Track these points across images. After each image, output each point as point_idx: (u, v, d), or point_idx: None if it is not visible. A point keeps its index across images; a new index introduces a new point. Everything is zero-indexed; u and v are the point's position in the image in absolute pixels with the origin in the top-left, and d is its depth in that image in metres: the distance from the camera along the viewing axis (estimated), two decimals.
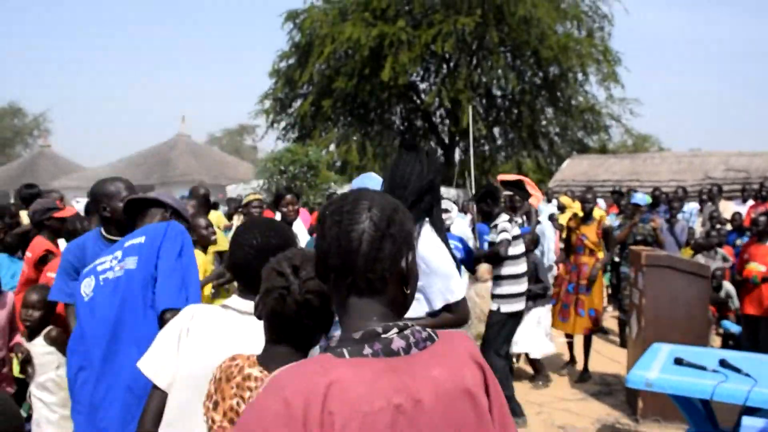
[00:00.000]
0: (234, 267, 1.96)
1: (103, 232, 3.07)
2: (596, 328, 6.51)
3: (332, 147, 22.15)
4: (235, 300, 1.90)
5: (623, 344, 7.44)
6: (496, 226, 5.13)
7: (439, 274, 2.53)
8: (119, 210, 2.90)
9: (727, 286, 7.14)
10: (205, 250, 4.65)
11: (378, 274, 1.20)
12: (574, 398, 5.87)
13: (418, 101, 23.83)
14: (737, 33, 79.34)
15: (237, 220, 6.44)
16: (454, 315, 2.53)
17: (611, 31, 22.70)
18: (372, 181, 3.40)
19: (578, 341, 6.65)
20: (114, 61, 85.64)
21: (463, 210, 9.64)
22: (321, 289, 1.48)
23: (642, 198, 7.80)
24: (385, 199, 1.26)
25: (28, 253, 4.41)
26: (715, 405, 3.75)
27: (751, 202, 9.25)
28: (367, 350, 1.15)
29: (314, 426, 1.07)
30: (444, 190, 16.42)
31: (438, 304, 2.53)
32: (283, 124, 23.72)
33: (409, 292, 1.28)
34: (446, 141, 24.05)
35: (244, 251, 1.89)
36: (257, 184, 16.04)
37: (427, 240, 2.57)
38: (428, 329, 1.26)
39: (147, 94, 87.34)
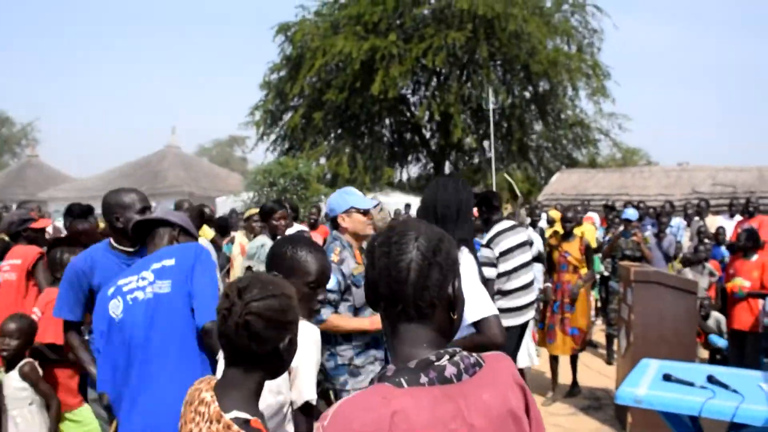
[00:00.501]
0: None
1: (113, 243, 3.02)
2: (581, 347, 6.34)
3: (323, 160, 22.19)
4: None
5: (610, 359, 7.50)
6: (490, 240, 4.76)
7: (470, 293, 2.55)
8: (131, 221, 2.86)
9: (716, 315, 7.20)
10: None
11: (427, 301, 1.25)
12: (564, 413, 5.89)
13: (409, 114, 23.93)
14: (726, 48, 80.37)
15: (240, 235, 6.45)
16: (485, 336, 2.58)
17: (601, 45, 22.98)
18: (352, 196, 3.48)
19: (564, 359, 6.50)
20: (104, 71, 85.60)
21: None
22: (265, 314, 1.51)
23: (633, 213, 7.88)
24: (431, 229, 1.32)
25: (14, 261, 4.32)
26: (703, 420, 3.78)
27: (738, 217, 9.34)
28: (424, 379, 1.21)
29: None
30: None
31: (467, 320, 2.59)
32: (273, 136, 23.75)
33: (456, 317, 1.32)
34: (436, 154, 24.15)
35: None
36: (247, 197, 16.05)
37: (466, 265, 2.72)
38: (474, 354, 1.31)
39: (137, 105, 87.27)
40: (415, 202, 16.45)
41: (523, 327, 4.92)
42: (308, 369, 2.06)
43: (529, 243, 4.93)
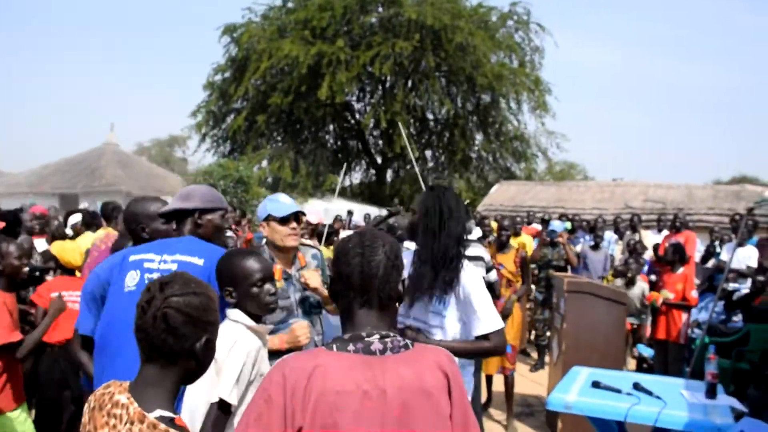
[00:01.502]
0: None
1: None
2: (512, 367, 5.92)
3: (264, 163, 22.02)
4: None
5: (534, 368, 7.76)
6: None
7: (480, 306, 2.71)
8: (160, 232, 2.83)
9: (642, 284, 7.54)
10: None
11: (386, 293, 1.63)
12: (498, 418, 6.01)
13: (353, 121, 24.00)
14: (660, 69, 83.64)
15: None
16: (491, 343, 2.70)
17: (542, 62, 23.58)
18: (272, 203, 3.24)
19: (498, 377, 6.14)
20: (39, 63, 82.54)
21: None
22: (184, 309, 1.51)
23: (558, 225, 8.17)
24: (391, 239, 1.70)
25: None
26: (629, 426, 3.93)
27: (665, 232, 9.74)
28: (351, 347, 1.54)
29: (298, 396, 1.46)
30: (376, 211, 16.57)
31: (477, 332, 2.70)
32: (214, 137, 23.43)
33: (398, 307, 1.69)
34: (379, 161, 24.28)
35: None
36: None
37: (470, 274, 2.78)
38: (406, 340, 1.61)
39: (74, 100, 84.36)
40: (357, 208, 16.51)
41: None
42: (232, 369, 2.15)
43: (482, 258, 4.66)
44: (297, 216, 3.20)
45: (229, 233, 6.56)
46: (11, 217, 5.74)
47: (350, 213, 14.32)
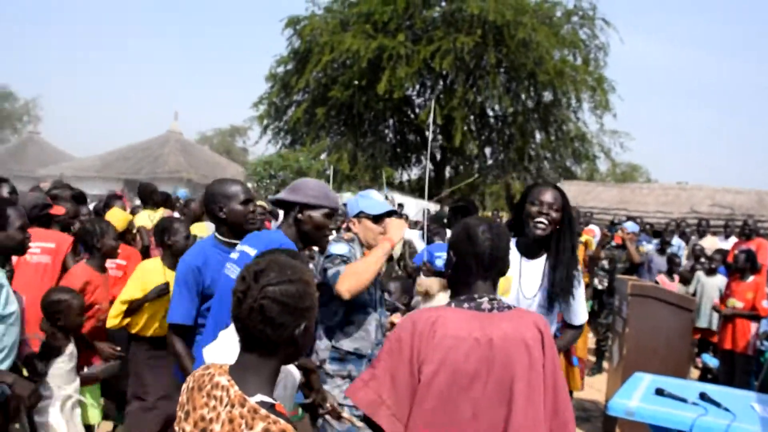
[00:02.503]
0: None
1: (218, 236, 2.96)
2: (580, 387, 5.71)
3: (323, 155, 22.18)
4: None
5: (593, 371, 7.56)
6: None
7: (580, 298, 3.01)
8: (236, 212, 2.89)
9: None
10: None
11: (502, 270, 2.07)
12: None
13: (412, 115, 23.93)
14: (729, 69, 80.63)
15: None
16: (576, 332, 3.11)
17: (606, 60, 22.99)
18: (365, 200, 3.23)
19: None
20: (109, 53, 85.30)
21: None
22: (281, 299, 1.50)
23: (632, 225, 7.94)
24: (506, 228, 2.18)
25: (47, 245, 4.15)
26: None
27: (733, 239, 9.38)
28: (465, 305, 1.98)
29: (424, 337, 1.88)
30: (433, 206, 16.49)
31: (577, 322, 3.07)
32: (275, 129, 23.73)
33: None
34: (438, 158, 24.18)
35: None
36: None
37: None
38: (509, 303, 2.04)
39: (140, 89, 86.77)
40: (410, 202, 16.47)
41: None
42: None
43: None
44: (391, 215, 3.17)
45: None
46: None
47: (401, 206, 14.25)
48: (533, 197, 2.87)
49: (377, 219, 3.14)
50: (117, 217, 5.09)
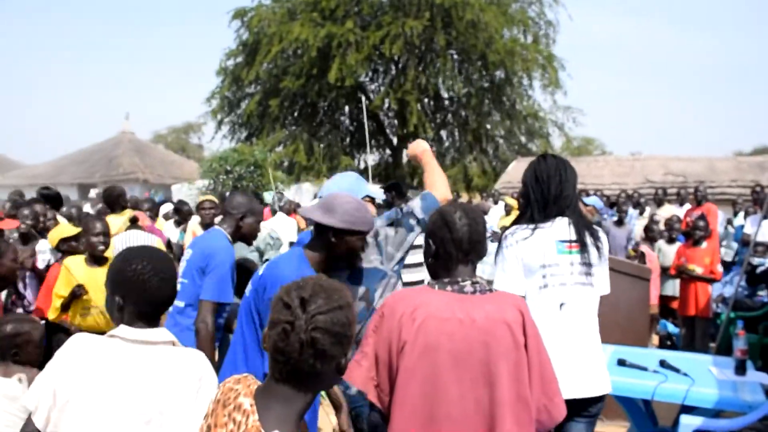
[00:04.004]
0: (125, 293, 1.82)
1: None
2: None
3: (280, 147, 21.96)
4: (122, 329, 1.80)
5: None
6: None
7: (605, 267, 2.87)
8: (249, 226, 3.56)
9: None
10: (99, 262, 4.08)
11: (481, 254, 2.09)
12: None
13: (367, 102, 23.85)
14: (678, 39, 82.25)
15: (193, 223, 6.29)
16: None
17: (556, 37, 23.19)
18: (365, 183, 3.10)
19: None
20: (54, 55, 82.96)
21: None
22: (332, 329, 1.37)
23: (595, 200, 8.01)
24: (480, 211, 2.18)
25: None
26: (655, 403, 3.86)
27: (687, 206, 9.59)
28: (449, 288, 2.01)
29: (406, 318, 1.92)
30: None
31: (605, 292, 2.92)
32: (230, 123, 23.41)
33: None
34: (394, 143, 24.15)
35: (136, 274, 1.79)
36: (203, 184, 15.79)
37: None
38: (491, 286, 2.08)
39: (89, 90, 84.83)
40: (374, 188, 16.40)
41: None
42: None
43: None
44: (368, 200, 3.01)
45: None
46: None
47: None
48: None
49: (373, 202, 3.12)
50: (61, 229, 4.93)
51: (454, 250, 2.03)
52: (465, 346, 1.90)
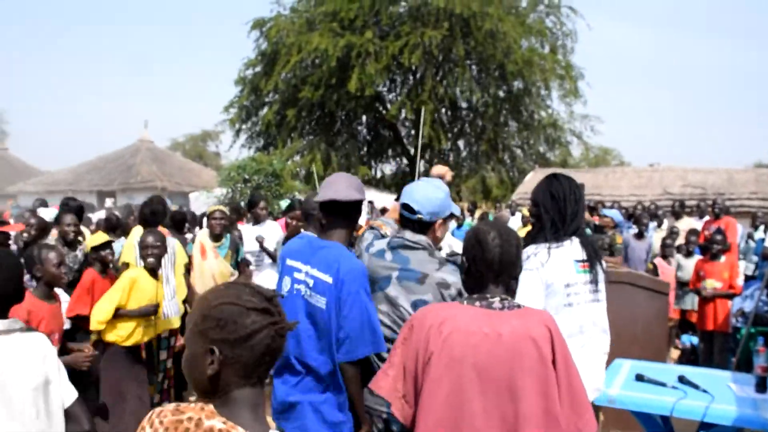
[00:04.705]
0: None
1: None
2: None
3: (297, 157, 22.07)
4: None
5: None
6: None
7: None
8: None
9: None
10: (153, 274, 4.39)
11: (514, 275, 2.08)
12: None
13: (384, 112, 23.94)
14: (696, 50, 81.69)
15: (201, 234, 6.22)
16: None
17: (574, 47, 23.16)
18: (449, 199, 2.80)
19: None
20: (75, 63, 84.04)
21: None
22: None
23: (616, 213, 7.94)
24: (516, 232, 2.14)
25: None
26: (674, 419, 3.84)
27: (707, 218, 9.49)
28: (477, 303, 2.03)
29: (434, 330, 1.95)
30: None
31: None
32: (248, 132, 23.57)
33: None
34: (411, 152, 24.18)
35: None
36: (221, 193, 15.89)
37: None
38: (520, 303, 2.06)
39: (109, 98, 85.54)
40: (387, 200, 16.44)
41: None
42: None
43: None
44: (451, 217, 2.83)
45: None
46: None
47: (371, 203, 14.16)
48: None
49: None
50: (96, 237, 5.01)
51: (485, 269, 2.05)
52: (489, 360, 1.91)
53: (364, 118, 24.31)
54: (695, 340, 7.03)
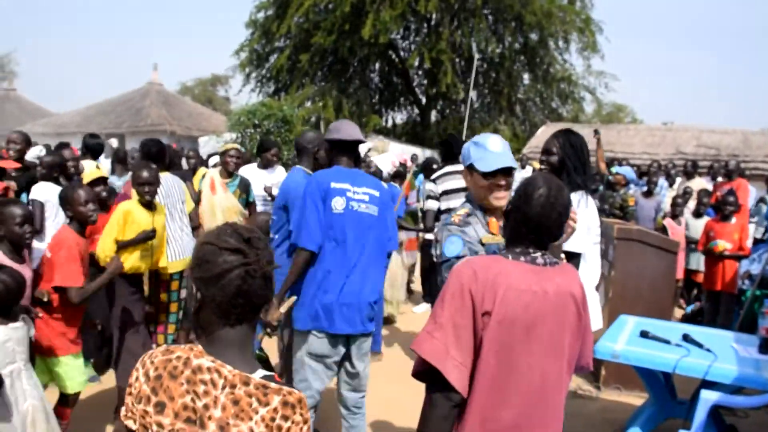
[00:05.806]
0: None
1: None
2: None
3: (308, 103, 21.87)
4: None
5: None
6: (437, 178, 5.53)
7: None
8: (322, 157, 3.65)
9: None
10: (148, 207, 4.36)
11: (555, 236, 2.03)
12: None
13: (397, 60, 23.57)
14: (717, 9, 79.68)
15: (213, 171, 6.15)
16: None
17: (593, 1, 22.62)
18: (479, 150, 2.57)
19: None
20: (84, 3, 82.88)
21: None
22: (272, 260, 1.50)
23: (629, 171, 7.87)
24: (567, 192, 2.04)
25: None
26: (675, 376, 3.88)
27: (719, 179, 9.41)
28: (522, 258, 1.97)
29: (488, 286, 1.87)
30: (420, 151, 16.43)
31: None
32: (258, 77, 23.32)
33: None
34: (423, 101, 23.92)
35: None
36: (230, 137, 15.82)
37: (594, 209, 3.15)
38: (557, 259, 2.07)
39: (118, 40, 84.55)
40: (399, 148, 16.36)
41: None
42: None
43: None
44: (507, 172, 2.55)
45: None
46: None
47: (415, 156, 13.87)
48: None
49: (488, 175, 2.52)
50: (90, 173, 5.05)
51: (522, 223, 1.99)
52: (538, 318, 1.90)
53: (377, 65, 23.96)
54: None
